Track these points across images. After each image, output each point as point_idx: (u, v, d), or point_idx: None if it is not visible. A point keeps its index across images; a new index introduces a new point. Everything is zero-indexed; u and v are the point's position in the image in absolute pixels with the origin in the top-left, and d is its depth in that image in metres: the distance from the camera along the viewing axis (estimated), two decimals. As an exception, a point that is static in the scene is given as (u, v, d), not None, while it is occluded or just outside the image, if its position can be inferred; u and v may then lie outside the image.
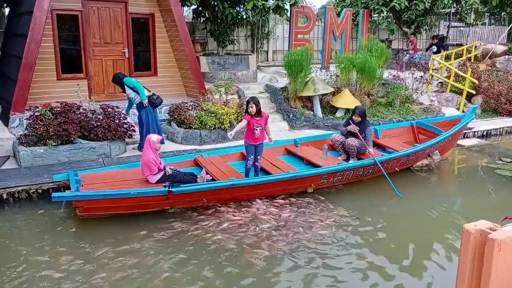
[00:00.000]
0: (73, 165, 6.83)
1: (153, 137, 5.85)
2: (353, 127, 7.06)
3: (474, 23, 17.97)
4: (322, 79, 10.64)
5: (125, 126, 7.53)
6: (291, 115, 9.84)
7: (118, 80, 7.60)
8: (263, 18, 13.54)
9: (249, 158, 6.33)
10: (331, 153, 7.33)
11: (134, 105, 7.65)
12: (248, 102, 6.17)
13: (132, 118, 8.16)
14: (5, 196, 5.94)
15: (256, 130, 6.15)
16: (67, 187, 5.75)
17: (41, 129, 6.89)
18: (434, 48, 13.49)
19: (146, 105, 7.43)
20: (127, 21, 9.32)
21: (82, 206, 5.22)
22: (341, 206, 6.01)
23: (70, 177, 5.70)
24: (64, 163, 6.94)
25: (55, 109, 7.15)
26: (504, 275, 1.92)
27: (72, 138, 7.08)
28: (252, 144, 6.24)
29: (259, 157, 6.36)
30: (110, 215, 5.47)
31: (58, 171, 6.39)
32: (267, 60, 15.09)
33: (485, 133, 10.52)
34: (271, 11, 11.67)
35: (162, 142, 7.10)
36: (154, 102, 7.58)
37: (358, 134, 7.05)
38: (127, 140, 7.77)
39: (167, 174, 5.92)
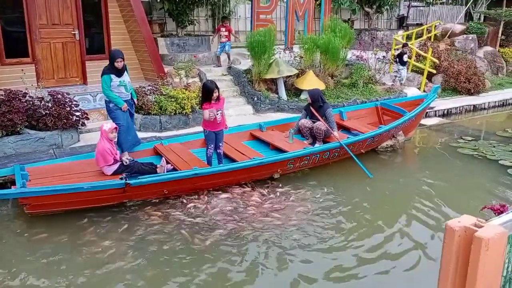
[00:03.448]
0: (21, 157, 6.30)
1: (106, 126, 5.41)
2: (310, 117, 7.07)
3: (434, 2, 18.14)
4: (286, 61, 10.38)
5: (77, 113, 7.01)
6: (255, 98, 9.55)
7: (122, 56, 6.10)
8: (223, -3, 13.05)
9: (209, 147, 6.01)
10: (296, 137, 7.14)
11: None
12: (211, 90, 5.66)
13: (85, 104, 7.61)
14: None
15: (217, 115, 5.82)
16: (14, 183, 5.26)
17: (-17, 119, 6.29)
18: (405, 58, 11.84)
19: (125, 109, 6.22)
20: (77, 0, 8.64)
21: (30, 203, 4.79)
22: (309, 191, 5.86)
23: (15, 171, 5.22)
24: (11, 155, 6.38)
25: (-2, 97, 6.55)
26: (492, 276, 1.77)
27: (19, 129, 6.52)
28: (213, 131, 5.91)
29: (220, 144, 6.06)
30: (63, 211, 5.06)
31: (3, 165, 5.88)
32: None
33: (446, 112, 10.67)
34: (231, -11, 11.22)
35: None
36: None
37: (320, 118, 6.90)
38: (81, 128, 7.27)
39: (124, 165, 5.54)
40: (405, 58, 11.48)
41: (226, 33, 10.65)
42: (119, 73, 6.11)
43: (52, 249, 4.45)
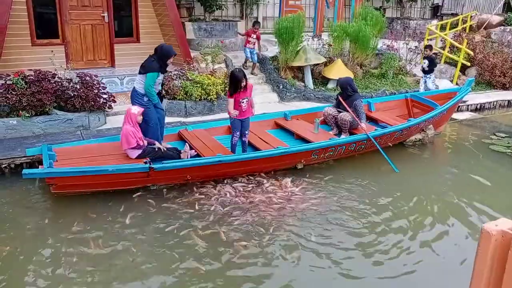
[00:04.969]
0: (49, 137, 6.42)
1: (134, 109, 5.43)
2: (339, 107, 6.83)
3: (471, -9, 17.44)
4: (314, 49, 10.19)
5: (104, 96, 7.08)
6: (281, 86, 9.44)
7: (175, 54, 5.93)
8: (252, -18, 12.88)
9: (235, 135, 5.95)
10: (322, 127, 7.02)
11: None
12: (239, 79, 5.53)
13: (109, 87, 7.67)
14: (-26, 171, 5.55)
15: (243, 102, 5.74)
16: (41, 162, 5.37)
17: (14, 99, 6.42)
18: (426, 62, 9.37)
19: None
20: (106, -18, 8.69)
21: (56, 184, 4.87)
22: (333, 183, 5.75)
23: (43, 151, 5.31)
24: (39, 135, 6.52)
25: (28, 78, 6.67)
26: (530, 285, 1.66)
27: (47, 109, 6.64)
28: (239, 119, 5.84)
29: (246, 132, 5.99)
30: (87, 192, 5.13)
31: (32, 144, 6.00)
32: (257, 28, 14.46)
33: (478, 106, 10.28)
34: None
35: None
36: None
37: (347, 108, 6.74)
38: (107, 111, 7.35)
39: (149, 149, 5.55)
40: (425, 65, 9.34)
41: (255, 40, 9.54)
42: (165, 70, 5.81)
43: (70, 231, 4.53)
